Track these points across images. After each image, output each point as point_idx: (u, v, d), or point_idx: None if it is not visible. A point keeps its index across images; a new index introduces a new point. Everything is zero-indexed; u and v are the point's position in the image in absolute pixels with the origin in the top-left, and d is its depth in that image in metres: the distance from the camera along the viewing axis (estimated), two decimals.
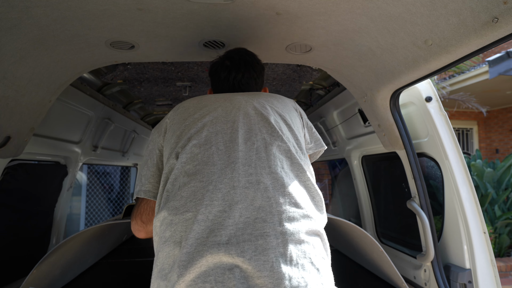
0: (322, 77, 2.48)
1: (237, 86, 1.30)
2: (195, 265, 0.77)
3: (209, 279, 0.75)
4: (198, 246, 0.79)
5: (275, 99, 1.18)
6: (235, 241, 0.79)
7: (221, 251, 0.77)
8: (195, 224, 0.82)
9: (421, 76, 1.40)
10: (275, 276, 0.76)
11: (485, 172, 5.59)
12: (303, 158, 1.02)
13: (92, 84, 2.35)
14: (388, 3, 1.12)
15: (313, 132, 1.24)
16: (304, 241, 0.84)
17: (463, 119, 9.24)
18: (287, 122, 1.08)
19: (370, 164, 2.71)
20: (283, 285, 0.75)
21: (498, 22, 0.95)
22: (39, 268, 1.57)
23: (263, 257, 0.77)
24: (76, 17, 1.22)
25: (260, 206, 0.85)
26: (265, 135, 1.00)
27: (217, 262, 0.77)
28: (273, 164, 0.93)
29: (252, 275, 0.76)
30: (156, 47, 1.55)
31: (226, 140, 0.98)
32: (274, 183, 0.90)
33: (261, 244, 0.79)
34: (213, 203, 0.85)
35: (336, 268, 2.71)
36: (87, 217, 6.24)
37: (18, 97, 1.44)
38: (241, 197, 0.86)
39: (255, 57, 1.38)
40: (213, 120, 1.04)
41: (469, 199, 1.74)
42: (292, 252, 0.80)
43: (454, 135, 1.81)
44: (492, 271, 1.70)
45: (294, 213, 0.87)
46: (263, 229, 0.82)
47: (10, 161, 1.75)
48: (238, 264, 0.77)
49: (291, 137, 1.05)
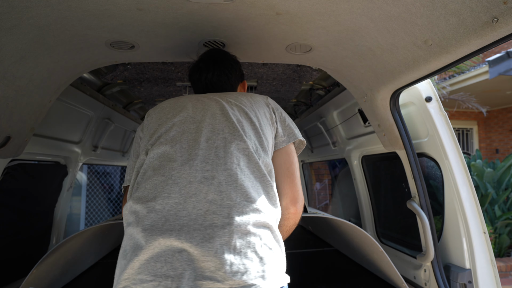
0: (322, 77, 2.48)
1: (209, 86, 1.38)
2: (149, 247, 0.88)
3: (160, 259, 0.86)
4: (153, 231, 0.90)
5: (245, 97, 1.25)
6: (186, 229, 0.90)
7: (173, 236, 0.88)
8: (153, 213, 0.93)
9: (421, 76, 1.40)
10: (218, 261, 0.86)
11: (485, 172, 5.59)
12: (263, 155, 1.10)
13: (92, 84, 2.35)
14: (388, 3, 1.12)
15: (287, 125, 1.25)
16: (250, 232, 0.92)
17: (463, 119, 9.24)
18: (252, 121, 1.15)
19: (370, 164, 2.71)
20: (223, 270, 0.85)
21: (498, 22, 0.95)
22: (39, 268, 1.57)
23: (209, 244, 0.87)
24: (76, 17, 1.22)
25: (212, 200, 0.94)
26: (226, 134, 1.09)
27: (169, 245, 0.87)
28: (229, 162, 1.02)
29: (198, 259, 0.86)
30: (156, 47, 1.55)
31: (190, 139, 1.08)
32: (228, 179, 0.99)
33: (209, 233, 0.89)
34: (170, 196, 0.95)
35: (336, 268, 2.70)
36: (87, 217, 6.24)
37: (18, 97, 1.44)
38: (195, 191, 0.96)
39: (225, 55, 1.44)
40: (182, 120, 1.14)
41: (469, 199, 1.74)
42: (237, 242, 0.89)
43: (454, 135, 1.81)
44: (492, 271, 1.70)
45: (243, 206, 0.95)
46: (212, 220, 0.91)
47: (10, 161, 1.75)
48: (186, 248, 0.87)
49: (253, 136, 1.12)
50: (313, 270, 2.56)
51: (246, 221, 0.93)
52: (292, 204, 1.16)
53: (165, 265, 0.86)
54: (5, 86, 1.33)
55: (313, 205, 4.92)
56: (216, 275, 0.85)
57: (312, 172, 5.24)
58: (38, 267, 1.55)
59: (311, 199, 4.85)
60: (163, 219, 0.92)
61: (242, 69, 1.51)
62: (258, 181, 1.04)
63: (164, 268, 0.86)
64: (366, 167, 2.74)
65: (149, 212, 0.94)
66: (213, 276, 0.85)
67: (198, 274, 0.85)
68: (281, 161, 1.20)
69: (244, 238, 0.91)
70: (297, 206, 1.17)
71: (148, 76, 2.31)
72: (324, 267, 2.66)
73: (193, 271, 0.86)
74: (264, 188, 1.05)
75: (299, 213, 1.18)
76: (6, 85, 1.33)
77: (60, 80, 1.62)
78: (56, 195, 2.43)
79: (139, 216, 0.95)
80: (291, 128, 1.25)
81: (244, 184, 0.99)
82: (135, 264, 0.87)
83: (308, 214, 1.85)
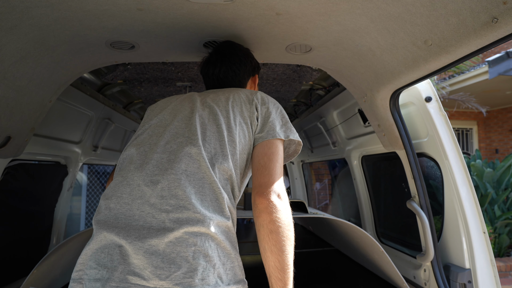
0: (322, 77, 2.48)
1: (216, 81, 1.41)
2: (97, 238, 0.98)
3: (104, 250, 0.96)
4: (103, 225, 0.99)
5: (227, 95, 1.25)
6: (128, 228, 0.97)
7: (114, 232, 0.96)
8: (107, 210, 1.02)
9: (421, 76, 1.40)
10: (146, 260, 0.91)
11: (485, 172, 5.59)
12: (221, 160, 1.08)
13: (92, 84, 2.35)
14: (388, 3, 1.12)
15: (269, 122, 1.19)
16: (182, 238, 0.94)
17: (463, 119, 9.24)
18: (218, 123, 1.15)
19: (370, 164, 2.71)
20: (149, 269, 0.90)
21: (497, 22, 0.96)
22: (40, 268, 1.57)
23: (140, 243, 0.93)
24: (76, 17, 1.22)
25: (153, 203, 0.99)
26: (184, 139, 1.11)
27: (111, 239, 0.96)
28: (177, 166, 1.04)
29: (130, 255, 0.93)
30: (156, 47, 1.55)
31: (151, 143, 1.13)
32: (171, 184, 1.01)
33: (144, 233, 0.95)
34: (122, 196, 1.03)
35: (336, 268, 2.70)
36: (87, 217, 6.24)
37: (19, 97, 1.44)
38: (141, 194, 1.01)
39: (235, 48, 1.42)
40: (157, 123, 1.19)
41: (469, 199, 1.74)
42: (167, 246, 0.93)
43: (454, 135, 1.81)
44: (491, 271, 1.70)
45: (180, 213, 0.97)
46: (151, 223, 0.96)
47: (11, 161, 1.75)
48: (122, 244, 0.94)
49: (215, 140, 1.12)
50: (313, 270, 2.56)
51: (179, 228, 0.94)
52: (258, 194, 1.04)
53: (106, 256, 0.95)
54: (5, 86, 1.33)
55: (313, 205, 4.92)
56: (143, 273, 0.91)
57: (312, 172, 5.24)
58: (39, 267, 1.55)
59: (311, 199, 4.85)
60: (114, 216, 1.00)
61: (256, 61, 1.49)
62: (207, 187, 1.03)
63: (105, 259, 0.95)
64: (366, 167, 2.75)
65: (105, 209, 1.03)
66: (141, 273, 0.91)
67: (130, 269, 0.91)
68: (255, 155, 1.16)
69: (176, 243, 0.93)
70: (266, 196, 1.02)
71: (148, 76, 2.31)
72: (324, 267, 2.66)
73: (126, 265, 0.92)
74: (212, 195, 1.03)
75: (271, 204, 1.01)
76: (6, 85, 1.34)
77: (60, 80, 1.62)
78: (56, 195, 2.43)
79: (98, 211, 1.05)
80: (273, 125, 1.18)
81: (186, 190, 1.00)
82: (88, 251, 0.97)
83: (308, 214, 1.85)
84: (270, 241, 0.99)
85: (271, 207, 1.01)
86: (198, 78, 2.39)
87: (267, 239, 1.00)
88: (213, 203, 1.02)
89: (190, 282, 0.90)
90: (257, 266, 1.45)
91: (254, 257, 2.81)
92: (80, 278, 0.95)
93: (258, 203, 1.03)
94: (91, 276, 0.93)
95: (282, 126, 1.21)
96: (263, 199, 1.02)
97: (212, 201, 1.02)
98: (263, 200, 1.02)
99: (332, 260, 2.82)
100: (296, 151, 1.29)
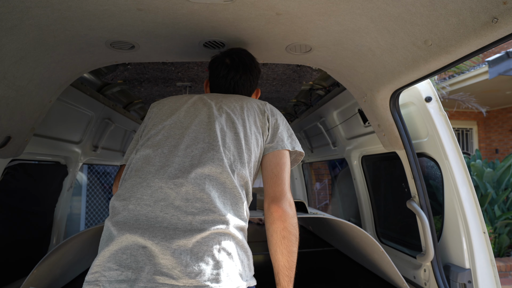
0: (322, 77, 2.48)
1: (233, 86, 1.43)
2: (118, 240, 0.97)
3: (126, 252, 0.96)
4: (124, 227, 0.99)
5: (240, 103, 1.29)
6: (152, 229, 0.98)
7: (138, 233, 0.97)
8: (126, 211, 1.02)
9: (421, 76, 1.40)
10: (174, 260, 0.93)
11: (485, 172, 5.59)
12: (239, 167, 1.14)
13: (92, 84, 2.35)
14: (388, 3, 1.12)
15: (279, 133, 1.28)
16: (209, 238, 0.98)
17: (463, 119, 9.24)
18: (236, 131, 1.20)
19: (370, 164, 2.71)
20: (179, 268, 0.92)
21: (497, 22, 0.96)
22: (40, 268, 1.57)
23: (168, 243, 0.95)
24: (76, 17, 1.22)
25: (178, 206, 1.02)
26: (205, 144, 1.14)
27: (134, 240, 0.96)
28: (200, 171, 1.08)
29: (157, 255, 0.94)
30: (156, 47, 1.55)
31: (171, 145, 1.15)
32: (195, 188, 1.04)
33: (170, 234, 0.97)
34: (142, 197, 1.04)
35: (336, 268, 2.70)
36: (87, 217, 6.24)
37: (19, 97, 1.44)
38: (164, 196, 1.03)
39: (254, 60, 1.48)
40: (172, 125, 1.21)
41: (469, 199, 1.74)
42: (195, 245, 0.96)
43: (454, 135, 1.81)
44: (491, 271, 1.70)
45: (206, 215, 1.01)
46: (176, 225, 0.99)
47: (11, 161, 1.75)
48: (148, 245, 0.95)
49: (233, 147, 1.17)
50: (313, 270, 2.56)
51: (206, 228, 0.99)
52: (274, 202, 1.14)
53: (129, 258, 0.95)
54: (5, 86, 1.33)
55: (313, 205, 4.92)
56: (172, 273, 0.92)
57: (312, 172, 5.24)
58: (39, 267, 1.55)
59: (311, 199, 4.85)
60: (134, 218, 1.01)
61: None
62: (228, 192, 1.09)
63: (128, 260, 0.95)
64: (366, 167, 2.75)
65: (124, 210, 1.03)
66: (170, 273, 0.92)
67: (157, 269, 0.93)
68: (267, 164, 1.24)
69: (202, 243, 0.97)
70: (280, 205, 1.13)
71: (148, 76, 2.31)
72: (324, 267, 2.66)
73: (153, 266, 0.93)
74: (233, 199, 1.09)
75: (285, 213, 1.13)
76: (6, 85, 1.34)
77: (60, 80, 1.62)
78: (56, 195, 2.43)
79: (115, 212, 1.04)
80: (282, 136, 1.28)
81: (211, 194, 1.04)
82: (106, 253, 0.97)
83: (308, 214, 1.85)
84: (282, 245, 1.11)
85: (285, 216, 1.13)
86: (198, 78, 2.39)
87: (279, 243, 1.11)
88: (233, 206, 1.08)
89: (217, 279, 0.95)
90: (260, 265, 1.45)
91: (256, 256, 2.80)
92: (96, 280, 0.94)
93: (273, 211, 1.13)
94: (112, 278, 0.93)
95: (288, 137, 1.30)
96: (278, 208, 1.13)
97: (233, 205, 1.08)
98: (278, 209, 1.13)
99: (332, 260, 2.82)
100: (297, 161, 1.38)
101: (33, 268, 1.54)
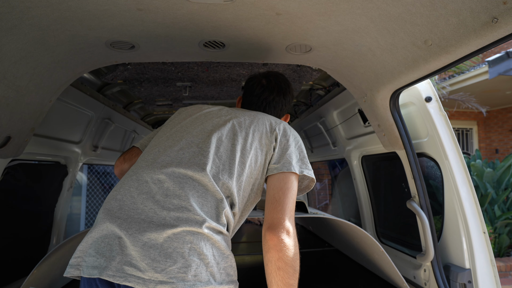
0: (322, 77, 2.48)
1: (264, 106, 1.48)
2: (99, 228, 1.04)
3: (105, 240, 1.01)
4: (107, 215, 1.06)
5: (252, 118, 1.30)
6: (129, 220, 1.03)
7: (117, 223, 1.03)
8: (114, 200, 1.09)
9: (421, 76, 1.40)
10: (143, 252, 0.96)
11: (485, 172, 5.59)
12: (226, 178, 1.14)
13: (92, 84, 2.35)
14: (388, 3, 1.12)
15: (287, 155, 1.22)
16: (180, 235, 0.99)
17: (463, 119, 9.24)
18: (234, 143, 1.21)
19: (370, 164, 2.71)
20: (146, 261, 0.95)
21: (497, 22, 0.96)
22: (40, 268, 1.57)
23: (140, 236, 0.99)
24: (76, 17, 1.22)
25: (157, 201, 1.06)
26: (198, 149, 1.19)
27: (112, 230, 1.02)
28: (184, 172, 1.12)
29: (128, 246, 0.98)
30: (156, 47, 1.55)
31: (167, 145, 1.22)
32: (176, 185, 1.08)
33: (144, 227, 1.00)
34: (130, 189, 1.10)
35: (336, 268, 2.70)
36: (87, 217, 6.24)
37: (19, 97, 1.44)
38: (148, 190, 1.08)
39: (289, 86, 1.53)
40: (178, 129, 1.28)
41: (469, 199, 1.74)
42: (165, 241, 0.99)
43: (454, 135, 1.81)
44: (491, 271, 1.70)
45: (181, 213, 1.03)
46: (152, 218, 1.02)
47: (11, 161, 1.75)
48: (122, 236, 1.00)
49: (225, 157, 1.18)
50: (313, 270, 2.56)
51: (178, 225, 1.00)
52: (269, 230, 1.06)
53: (106, 246, 1.00)
54: (5, 86, 1.33)
55: (313, 205, 4.92)
56: (140, 265, 0.95)
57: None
58: (39, 267, 1.55)
59: (311, 199, 4.85)
60: (119, 206, 1.07)
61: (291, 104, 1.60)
62: (209, 195, 1.09)
63: (105, 249, 1.00)
64: (366, 167, 2.75)
65: (113, 199, 1.10)
66: (137, 265, 0.95)
67: (127, 260, 0.96)
68: (269, 187, 1.19)
69: (173, 239, 0.98)
70: (276, 233, 1.05)
71: (148, 76, 2.31)
72: (324, 267, 2.66)
73: (124, 256, 0.97)
74: (213, 202, 1.09)
75: (281, 242, 1.03)
76: (6, 85, 1.34)
77: (60, 80, 1.62)
78: (56, 195, 2.43)
79: (108, 200, 1.11)
80: (290, 158, 1.21)
81: (189, 194, 1.07)
82: (89, 239, 1.03)
83: (308, 214, 1.85)
84: (277, 276, 1.03)
85: (280, 246, 1.04)
86: (198, 78, 2.39)
87: (274, 274, 1.03)
88: (212, 210, 1.08)
89: (184, 277, 0.95)
90: (257, 266, 1.45)
91: (254, 257, 2.81)
92: (78, 264, 1.01)
93: (268, 239, 1.06)
94: (89, 263, 0.99)
95: (298, 160, 1.23)
96: (273, 236, 1.05)
97: (211, 208, 1.08)
98: (273, 237, 1.05)
99: (332, 260, 2.82)
100: (308, 187, 1.33)
101: (33, 268, 1.54)
